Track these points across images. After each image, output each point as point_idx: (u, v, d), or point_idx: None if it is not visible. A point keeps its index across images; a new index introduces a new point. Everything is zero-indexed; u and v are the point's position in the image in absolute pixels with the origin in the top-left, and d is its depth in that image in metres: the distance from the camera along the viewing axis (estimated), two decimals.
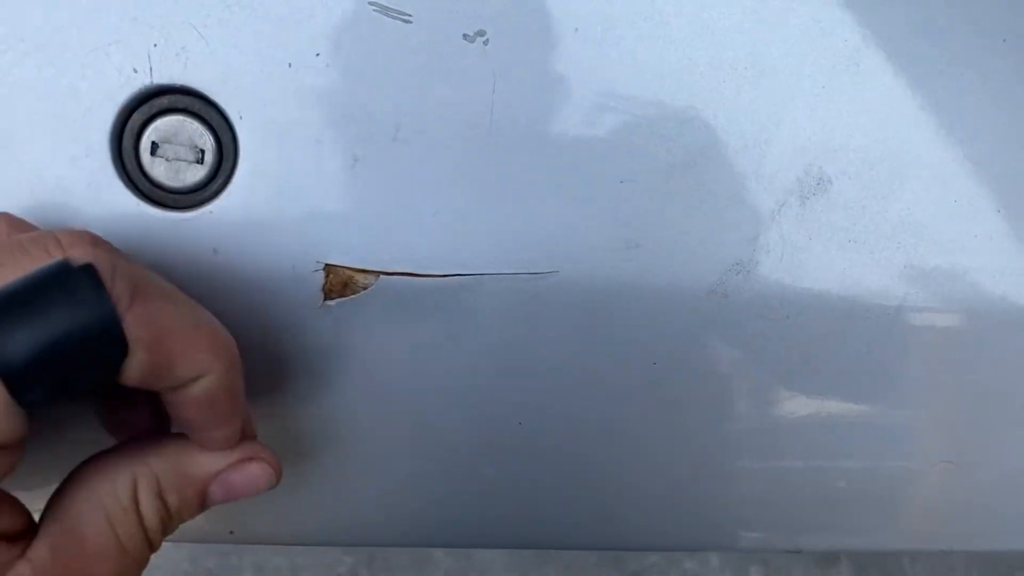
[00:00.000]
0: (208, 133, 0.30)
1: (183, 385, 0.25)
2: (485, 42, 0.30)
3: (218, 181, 0.31)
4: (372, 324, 0.32)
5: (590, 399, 0.33)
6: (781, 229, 0.32)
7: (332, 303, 0.31)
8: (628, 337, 0.33)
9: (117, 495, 0.26)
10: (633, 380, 0.33)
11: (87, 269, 0.23)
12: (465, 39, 0.30)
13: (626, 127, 0.31)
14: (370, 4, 0.30)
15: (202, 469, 0.28)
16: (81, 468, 0.27)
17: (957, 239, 0.33)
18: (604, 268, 0.32)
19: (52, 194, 0.30)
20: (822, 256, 0.33)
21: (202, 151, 0.30)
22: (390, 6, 0.30)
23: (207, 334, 0.25)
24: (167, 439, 0.29)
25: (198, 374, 0.25)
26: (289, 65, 0.30)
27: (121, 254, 0.26)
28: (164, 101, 0.30)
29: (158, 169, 0.30)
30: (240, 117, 0.30)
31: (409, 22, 0.30)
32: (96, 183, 0.30)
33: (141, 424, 0.30)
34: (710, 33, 0.31)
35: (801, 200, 0.32)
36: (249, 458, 0.28)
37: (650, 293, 0.32)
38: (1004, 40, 0.32)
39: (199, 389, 0.25)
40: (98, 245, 0.25)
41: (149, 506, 0.27)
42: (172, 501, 0.27)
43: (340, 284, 0.31)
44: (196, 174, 0.30)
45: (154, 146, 0.30)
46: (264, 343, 0.32)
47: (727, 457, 0.35)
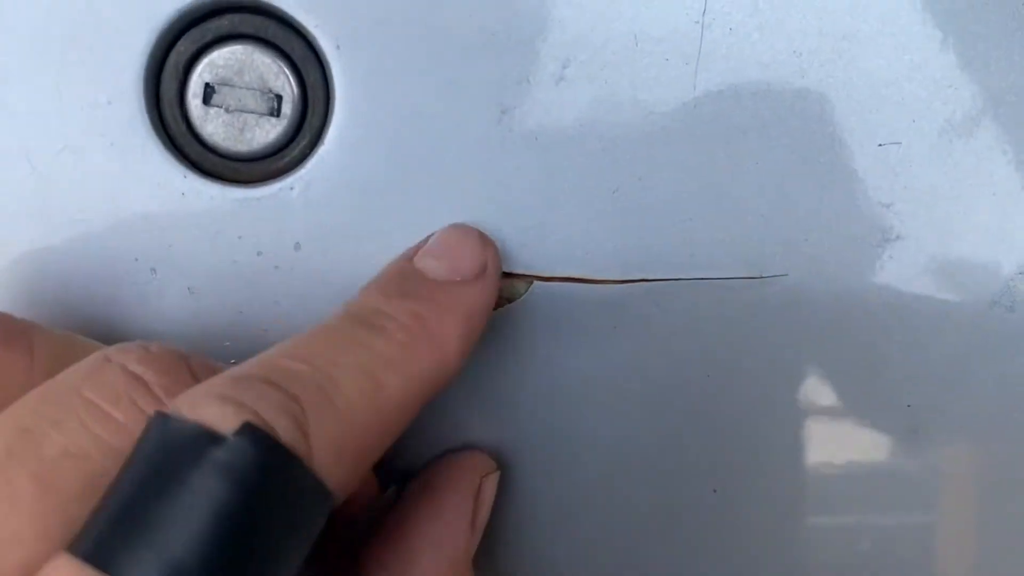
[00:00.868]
0: (288, 71, 0.21)
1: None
2: None
3: (301, 143, 0.21)
4: (522, 348, 0.22)
5: (821, 454, 0.24)
6: None
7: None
8: (876, 367, 0.23)
9: None
10: (877, 427, 0.24)
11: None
12: None
13: (887, 65, 0.21)
14: None
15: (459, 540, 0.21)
16: None
17: None
18: (851, 269, 0.22)
19: (56, 163, 0.20)
20: None
21: (279, 97, 0.21)
22: None
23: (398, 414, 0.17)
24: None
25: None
26: None
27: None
28: (224, 23, 0.20)
29: (214, 124, 0.21)
30: (337, 47, 0.20)
31: None
32: (123, 144, 0.20)
33: None
34: None
35: None
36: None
37: (911, 305, 0.23)
38: None
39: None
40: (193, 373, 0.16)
41: None
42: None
43: None
44: (269, 132, 0.21)
45: (208, 90, 0.20)
46: None
47: (1000, 536, 0.25)
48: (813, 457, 0.24)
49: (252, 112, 0.21)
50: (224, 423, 0.13)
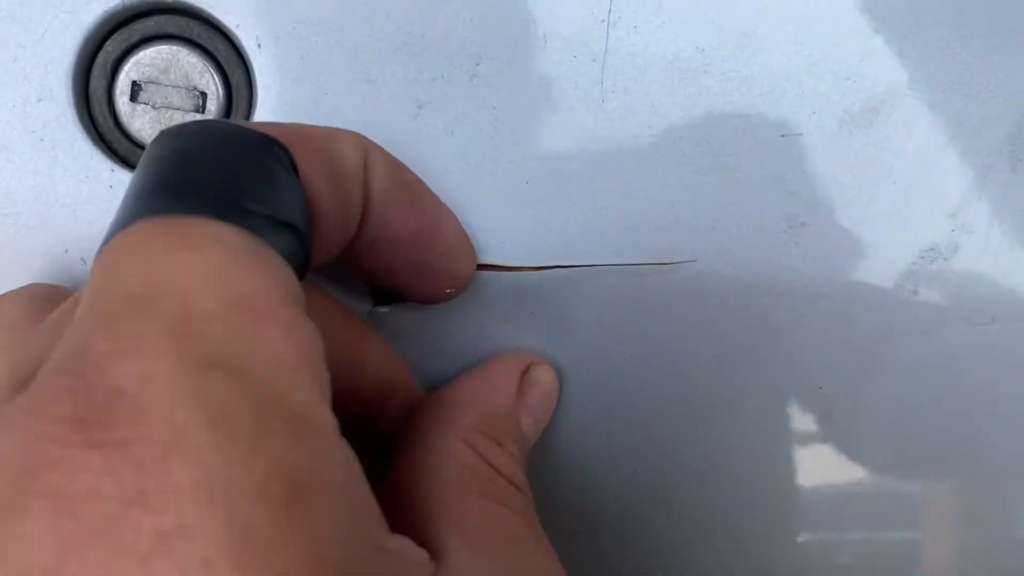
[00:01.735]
0: (212, 70, 0.21)
1: (368, 185, 0.18)
2: None
3: None
4: (442, 335, 0.23)
5: (731, 437, 0.25)
6: (988, 202, 0.24)
7: (386, 309, 0.23)
8: (786, 352, 0.24)
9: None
10: (790, 410, 0.25)
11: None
12: None
13: (788, 59, 0.23)
14: None
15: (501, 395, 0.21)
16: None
17: None
18: (758, 256, 0.23)
19: None
20: None
21: (203, 95, 0.22)
22: None
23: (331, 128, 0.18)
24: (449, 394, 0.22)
25: (361, 155, 0.18)
26: None
27: None
28: (150, 24, 0.21)
29: (141, 121, 0.22)
30: (258, 46, 0.21)
31: None
32: (52, 140, 0.21)
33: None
34: None
35: (1013, 163, 0.24)
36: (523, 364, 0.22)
37: (818, 290, 0.24)
38: None
39: (378, 176, 0.18)
40: None
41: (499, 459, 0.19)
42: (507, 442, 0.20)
43: None
44: None
45: (135, 88, 0.21)
46: None
47: (919, 516, 0.26)
48: (726, 440, 0.25)
49: (178, 109, 0.21)
50: None
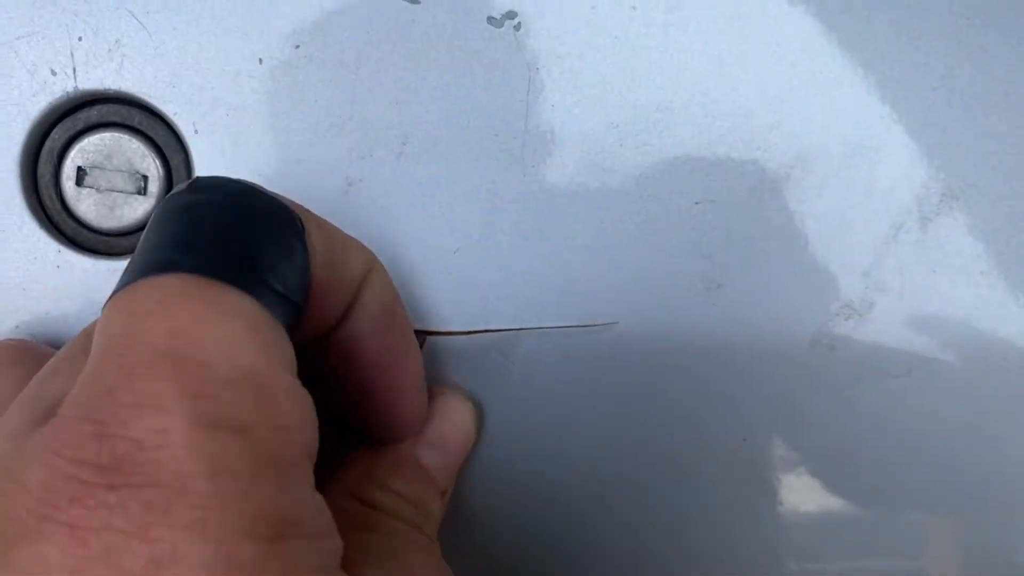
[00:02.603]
0: (152, 154, 0.23)
1: (358, 296, 0.19)
2: (516, 26, 0.23)
3: None
4: None
5: (660, 491, 0.26)
6: (899, 259, 0.25)
7: None
8: (709, 407, 0.25)
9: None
10: (718, 464, 0.26)
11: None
12: (491, 23, 0.23)
13: (699, 132, 0.24)
14: None
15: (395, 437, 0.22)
16: None
17: None
18: (677, 316, 0.24)
19: None
20: (950, 294, 0.25)
21: (145, 178, 0.23)
22: None
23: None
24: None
25: (366, 266, 0.19)
26: (260, 61, 0.23)
27: None
28: (93, 113, 0.23)
29: (86, 204, 0.23)
30: (195, 132, 0.23)
31: (418, 1, 0.23)
32: (2, 224, 0.22)
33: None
34: (802, 12, 0.24)
35: (922, 222, 0.25)
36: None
37: (737, 347, 0.25)
38: None
39: (373, 293, 0.19)
40: None
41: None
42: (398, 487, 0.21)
43: None
44: (137, 209, 0.23)
45: (81, 173, 0.23)
46: None
47: (842, 565, 0.27)
48: (654, 493, 0.26)
49: (121, 191, 0.23)
50: None
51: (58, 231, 0.23)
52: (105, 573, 0.12)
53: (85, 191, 0.23)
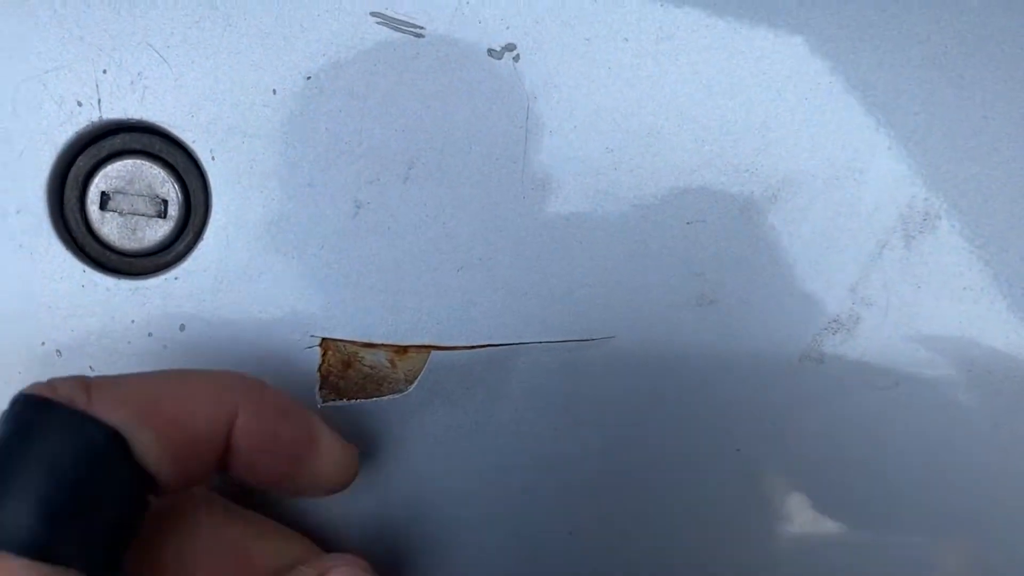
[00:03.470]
0: (172, 180, 0.24)
1: (229, 442, 0.19)
2: (515, 58, 0.24)
3: (185, 240, 0.24)
4: (383, 412, 0.25)
5: (657, 501, 0.27)
6: (884, 276, 0.26)
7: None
8: (704, 418, 0.26)
9: None
10: (712, 474, 0.27)
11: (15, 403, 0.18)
12: (491, 55, 0.24)
13: (690, 155, 0.25)
14: (372, 15, 0.24)
15: None
16: None
17: None
18: (671, 331, 0.26)
19: None
20: (934, 309, 0.26)
21: (165, 202, 0.24)
22: (398, 17, 0.24)
23: (204, 380, 0.20)
24: None
25: (228, 415, 0.19)
26: (273, 92, 0.24)
27: None
28: (117, 141, 0.24)
29: (110, 226, 0.24)
30: (212, 158, 0.24)
31: (421, 36, 0.24)
32: (31, 246, 0.24)
33: None
34: (787, 41, 0.25)
35: (906, 240, 0.26)
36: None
37: (729, 361, 0.26)
38: None
39: (244, 436, 0.19)
40: None
41: None
42: None
43: (341, 363, 0.25)
44: (158, 231, 0.24)
45: (104, 197, 0.24)
46: None
47: (834, 570, 0.27)
48: (653, 500, 0.27)
49: (143, 215, 0.24)
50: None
51: (83, 252, 0.24)
52: None
53: (108, 214, 0.24)
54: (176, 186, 0.24)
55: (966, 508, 0.27)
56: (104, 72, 0.23)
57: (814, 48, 0.25)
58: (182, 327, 0.24)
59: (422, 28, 0.24)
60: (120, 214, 0.24)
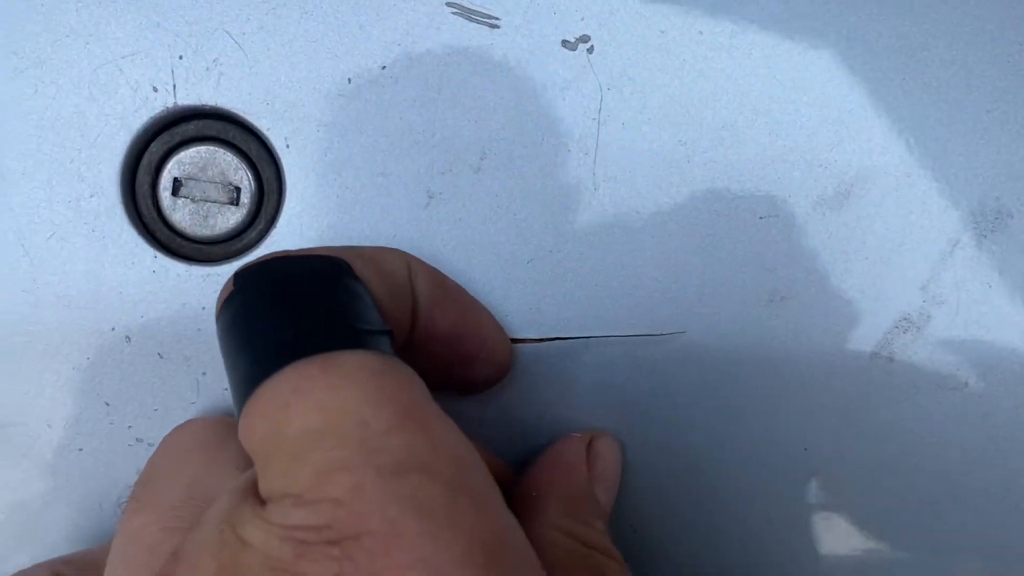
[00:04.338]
0: (245, 167, 0.24)
1: (414, 290, 0.20)
2: (589, 50, 0.24)
3: (258, 227, 0.24)
4: (447, 405, 0.25)
5: (724, 497, 0.26)
6: (955, 274, 0.26)
7: None
8: (772, 415, 0.26)
9: None
10: (779, 472, 0.26)
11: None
12: (565, 46, 0.24)
13: (763, 150, 0.25)
14: (448, 5, 0.24)
15: (577, 478, 0.23)
16: None
17: None
18: (742, 327, 0.25)
19: (45, 247, 0.24)
20: (1006, 307, 0.26)
21: (237, 189, 0.24)
22: (473, 7, 0.24)
23: (377, 246, 0.21)
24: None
25: (405, 264, 0.20)
26: (348, 81, 0.24)
27: None
28: (191, 128, 0.24)
29: (181, 213, 0.24)
30: (287, 146, 0.24)
31: (496, 27, 0.24)
32: (102, 231, 0.24)
33: None
34: (862, 38, 0.25)
35: (977, 238, 0.26)
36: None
37: (799, 358, 0.26)
38: None
39: (423, 281, 0.20)
40: None
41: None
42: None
43: None
44: (229, 219, 0.24)
45: (177, 184, 0.24)
46: None
47: (899, 569, 0.27)
48: (719, 497, 0.26)
49: (215, 202, 0.24)
50: None
51: (154, 238, 0.24)
52: None
53: (180, 201, 0.24)
54: (249, 174, 0.24)
55: None
56: (180, 58, 0.23)
57: (888, 45, 0.25)
58: None
59: (497, 19, 0.24)
60: (192, 200, 0.24)
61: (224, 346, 0.17)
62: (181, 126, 0.24)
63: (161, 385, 0.24)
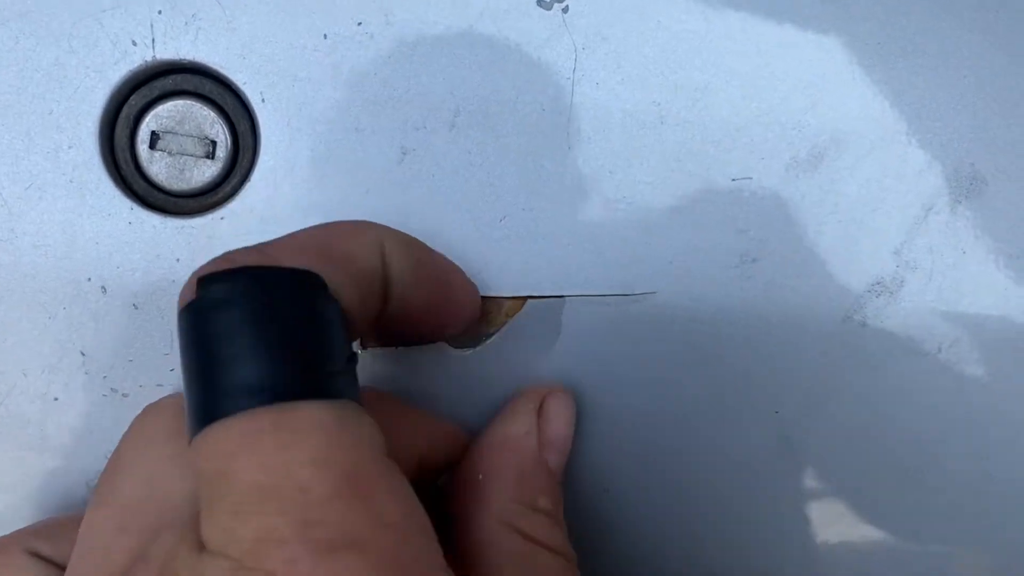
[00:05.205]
0: (221, 121, 0.24)
1: (387, 273, 0.20)
2: (564, 9, 0.25)
3: (232, 180, 0.25)
4: (420, 363, 0.25)
5: (694, 458, 0.26)
6: (929, 239, 0.26)
7: (379, 349, 0.25)
8: (743, 378, 0.26)
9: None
10: (749, 433, 0.26)
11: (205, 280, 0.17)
12: (541, 5, 0.25)
13: (737, 112, 0.25)
14: None
15: (524, 451, 0.23)
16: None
17: None
18: (713, 288, 0.25)
19: (23, 197, 0.24)
20: (979, 274, 0.26)
21: (213, 143, 0.24)
22: None
23: (348, 223, 0.21)
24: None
25: (378, 245, 0.20)
26: (324, 37, 0.24)
27: None
28: (168, 82, 0.24)
29: (158, 166, 0.24)
30: (262, 100, 0.24)
31: None
32: (80, 182, 0.24)
33: None
34: (838, 1, 0.25)
35: (952, 204, 0.26)
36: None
37: (771, 320, 0.26)
38: None
39: (397, 262, 0.20)
40: None
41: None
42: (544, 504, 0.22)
43: None
44: (205, 172, 0.24)
45: (154, 137, 0.24)
46: None
47: (872, 539, 0.27)
48: (690, 457, 0.26)
49: (191, 155, 0.24)
50: None
51: (131, 191, 0.24)
52: None
53: (157, 154, 0.24)
54: (225, 128, 0.24)
55: (1007, 475, 0.27)
56: (159, 13, 0.24)
57: (864, 8, 0.25)
58: None
59: None
60: (169, 154, 0.24)
61: (182, 351, 0.16)
62: (159, 80, 0.24)
63: (136, 335, 0.24)
